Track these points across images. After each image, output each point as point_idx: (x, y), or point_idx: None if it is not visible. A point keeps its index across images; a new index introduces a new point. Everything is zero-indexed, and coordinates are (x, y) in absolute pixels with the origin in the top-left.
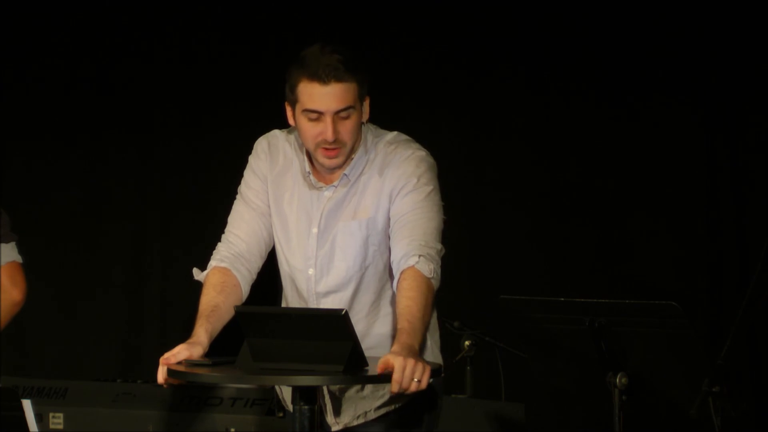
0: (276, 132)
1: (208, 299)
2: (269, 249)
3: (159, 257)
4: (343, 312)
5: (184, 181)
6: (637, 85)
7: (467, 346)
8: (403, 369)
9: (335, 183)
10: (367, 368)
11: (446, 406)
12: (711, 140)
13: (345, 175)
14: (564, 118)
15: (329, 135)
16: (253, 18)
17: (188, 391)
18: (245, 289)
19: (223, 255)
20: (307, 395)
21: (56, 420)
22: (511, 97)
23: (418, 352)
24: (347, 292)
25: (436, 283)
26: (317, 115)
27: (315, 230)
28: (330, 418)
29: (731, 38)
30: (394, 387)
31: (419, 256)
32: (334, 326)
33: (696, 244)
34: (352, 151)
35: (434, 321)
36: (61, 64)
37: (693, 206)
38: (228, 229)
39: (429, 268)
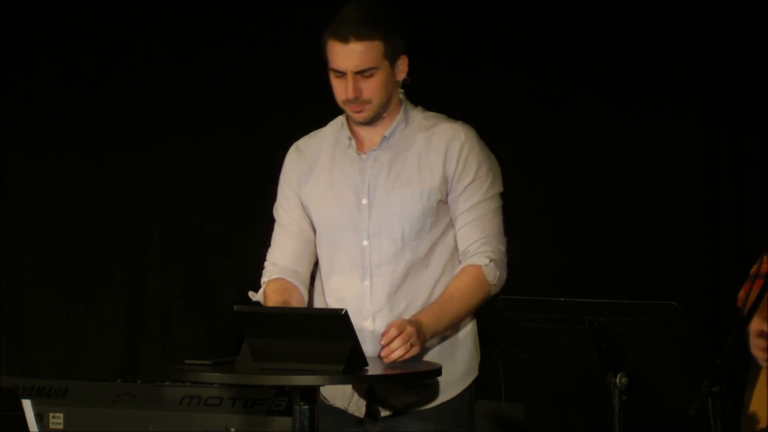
0: (310, 133)
1: (273, 302)
2: (314, 259)
3: (159, 257)
4: (343, 312)
5: (184, 181)
6: (636, 86)
7: None
8: (399, 329)
9: (375, 147)
10: (367, 368)
11: None
12: (711, 142)
13: (385, 137)
14: (563, 119)
15: (349, 93)
16: (254, 18)
17: (188, 391)
18: (304, 294)
19: (270, 272)
20: (307, 395)
21: (56, 420)
22: (511, 97)
23: (427, 333)
24: (401, 264)
25: (495, 290)
26: (341, 73)
27: (365, 201)
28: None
29: (731, 40)
30: (384, 341)
31: (491, 260)
32: (334, 326)
33: (696, 243)
34: (385, 109)
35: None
36: (61, 64)
37: (693, 206)
38: (270, 257)
39: (495, 275)
